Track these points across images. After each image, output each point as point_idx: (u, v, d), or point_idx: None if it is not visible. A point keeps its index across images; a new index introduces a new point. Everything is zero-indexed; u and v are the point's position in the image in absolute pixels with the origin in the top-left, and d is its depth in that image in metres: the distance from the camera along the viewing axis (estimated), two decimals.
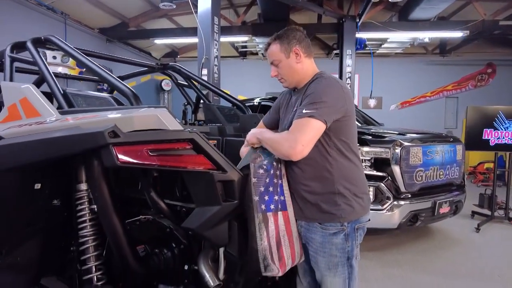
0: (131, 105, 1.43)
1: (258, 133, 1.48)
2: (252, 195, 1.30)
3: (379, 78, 9.13)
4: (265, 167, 1.36)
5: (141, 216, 1.74)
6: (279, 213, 1.37)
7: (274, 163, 1.41)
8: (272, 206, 1.34)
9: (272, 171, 1.38)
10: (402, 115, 9.32)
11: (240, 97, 4.47)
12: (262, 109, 4.83)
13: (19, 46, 1.87)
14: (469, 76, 8.75)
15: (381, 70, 9.32)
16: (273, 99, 4.95)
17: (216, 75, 5.05)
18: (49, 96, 1.59)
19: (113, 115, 1.34)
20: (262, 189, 1.32)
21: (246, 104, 3.05)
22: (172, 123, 1.27)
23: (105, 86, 7.46)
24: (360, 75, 9.22)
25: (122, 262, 1.50)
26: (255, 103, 5.07)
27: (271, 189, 1.36)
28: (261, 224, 1.29)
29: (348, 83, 7.47)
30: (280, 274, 1.34)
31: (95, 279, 1.53)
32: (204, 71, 4.85)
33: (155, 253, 1.62)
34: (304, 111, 1.30)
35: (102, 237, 1.58)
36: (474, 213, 4.76)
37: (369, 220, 1.50)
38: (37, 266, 1.74)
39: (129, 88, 1.47)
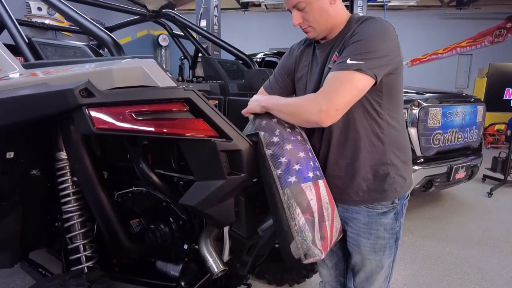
0: (112, 56, 1.15)
1: (264, 100, 1.16)
2: (272, 170, 1.04)
3: None
4: (277, 132, 1.10)
5: (133, 188, 1.54)
6: (320, 181, 1.08)
7: (288, 128, 1.13)
8: (310, 174, 1.06)
9: (292, 137, 1.10)
10: (410, 73, 8.84)
11: None
12: (266, 65, 4.48)
13: None
14: (486, 31, 8.21)
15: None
16: (278, 54, 4.58)
17: (216, 27, 4.61)
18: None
19: (88, 68, 1.06)
20: (285, 159, 1.04)
21: None
22: (162, 78, 1.00)
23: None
24: None
25: (112, 239, 1.32)
26: (258, 59, 4.70)
27: (302, 154, 1.07)
28: (291, 201, 1.02)
29: None
30: (323, 256, 1.07)
31: (84, 258, 1.35)
32: (203, 23, 4.42)
33: (150, 229, 1.44)
34: (348, 61, 0.98)
35: (90, 211, 1.39)
36: (485, 177, 4.60)
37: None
38: (21, 241, 1.57)
39: (108, 35, 1.17)
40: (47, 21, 5.50)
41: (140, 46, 9.12)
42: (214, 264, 1.19)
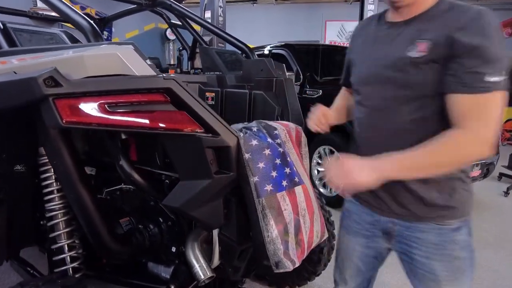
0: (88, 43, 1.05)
1: (374, 166, 0.83)
2: (249, 176, 0.97)
3: None
4: (258, 137, 1.02)
5: (122, 185, 1.46)
6: (296, 188, 1.05)
7: (264, 130, 1.07)
8: (284, 183, 1.02)
9: (270, 140, 1.04)
10: None
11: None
12: (273, 58, 4.34)
13: None
14: (505, 22, 7.87)
15: None
16: (286, 46, 4.43)
17: (221, 19, 4.49)
18: None
19: (61, 55, 0.97)
20: (263, 165, 0.98)
21: (255, 54, 2.59)
22: (139, 66, 0.91)
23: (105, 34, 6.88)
24: None
25: (95, 240, 1.24)
26: (265, 52, 4.56)
27: (278, 161, 1.02)
28: (266, 211, 0.98)
29: None
30: (297, 265, 1.05)
31: (69, 259, 1.28)
32: (208, 14, 4.30)
33: (138, 229, 1.36)
34: (486, 78, 0.79)
35: None
36: (501, 175, 4.39)
37: None
38: (8, 240, 1.51)
39: (87, 21, 1.08)
40: (53, 14, 5.47)
41: (148, 39, 9.06)
42: (201, 271, 1.10)
